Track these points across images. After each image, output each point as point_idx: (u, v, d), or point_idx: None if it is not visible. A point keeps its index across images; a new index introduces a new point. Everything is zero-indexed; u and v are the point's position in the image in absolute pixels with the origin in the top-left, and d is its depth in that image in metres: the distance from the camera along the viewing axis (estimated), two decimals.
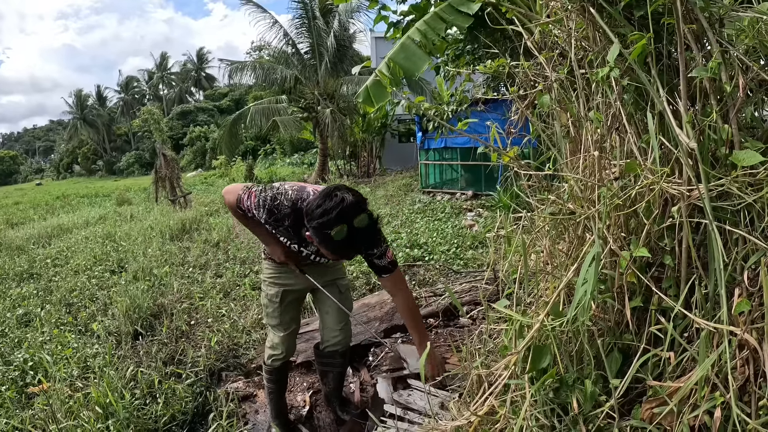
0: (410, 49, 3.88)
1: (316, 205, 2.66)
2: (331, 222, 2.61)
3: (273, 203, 3.03)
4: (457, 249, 8.17)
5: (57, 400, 3.83)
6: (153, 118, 20.84)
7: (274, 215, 3.05)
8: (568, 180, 2.52)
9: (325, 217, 2.62)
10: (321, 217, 2.63)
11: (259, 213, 3.09)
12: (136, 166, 67.02)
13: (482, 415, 2.34)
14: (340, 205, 2.62)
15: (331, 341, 3.70)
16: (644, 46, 1.94)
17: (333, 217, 2.61)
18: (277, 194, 3.04)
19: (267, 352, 3.67)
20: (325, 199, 2.66)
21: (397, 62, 3.84)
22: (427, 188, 16.79)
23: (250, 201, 3.11)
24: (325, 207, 2.63)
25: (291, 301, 3.61)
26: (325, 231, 2.64)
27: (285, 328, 3.59)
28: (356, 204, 2.67)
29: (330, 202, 2.63)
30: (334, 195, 2.66)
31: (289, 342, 3.63)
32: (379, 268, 3.22)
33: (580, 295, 1.89)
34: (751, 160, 1.81)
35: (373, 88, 3.98)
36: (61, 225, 13.83)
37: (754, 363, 1.83)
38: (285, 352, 3.61)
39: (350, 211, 2.63)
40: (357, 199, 2.69)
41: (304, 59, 23.78)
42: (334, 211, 2.61)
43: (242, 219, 3.40)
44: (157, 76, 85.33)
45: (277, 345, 3.59)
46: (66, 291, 7.14)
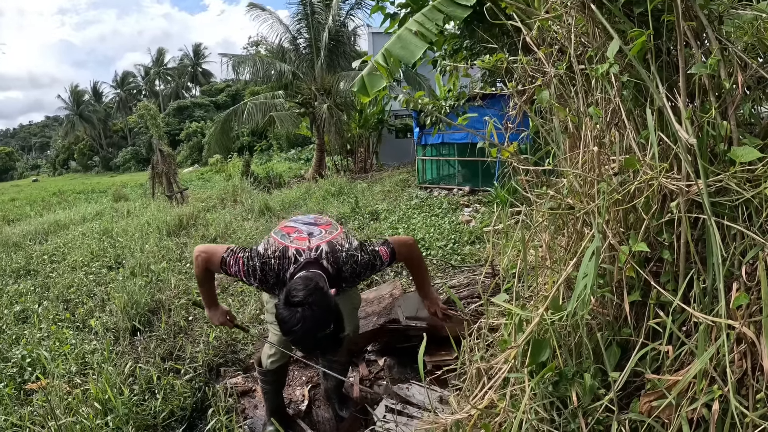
0: (407, 38, 3.88)
1: (281, 319, 2.64)
2: (296, 341, 2.71)
3: (264, 271, 3.03)
4: (454, 244, 8.18)
5: (56, 397, 3.83)
6: (149, 113, 20.80)
7: (265, 283, 3.08)
8: (567, 175, 2.52)
9: (290, 337, 2.66)
10: (287, 335, 2.67)
11: (250, 281, 3.08)
12: (133, 162, 66.76)
13: (482, 409, 2.35)
14: (302, 328, 2.57)
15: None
16: (644, 43, 1.95)
17: (296, 338, 2.64)
18: (263, 264, 3.02)
19: (265, 351, 3.65)
20: (288, 315, 2.61)
21: (393, 52, 3.83)
22: (425, 184, 16.80)
23: (237, 267, 3.06)
24: (287, 327, 2.61)
25: None
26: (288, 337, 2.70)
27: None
28: (317, 321, 2.60)
29: (292, 320, 2.58)
30: (296, 312, 2.60)
31: (288, 344, 3.56)
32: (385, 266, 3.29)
33: (580, 288, 1.90)
34: (749, 156, 1.82)
35: (368, 77, 3.98)
36: (58, 221, 13.77)
37: (752, 356, 1.84)
38: (283, 354, 3.59)
39: (311, 330, 2.58)
40: (318, 315, 2.61)
41: (301, 54, 23.75)
42: (294, 334, 2.60)
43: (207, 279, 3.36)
44: (154, 71, 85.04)
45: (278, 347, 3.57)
46: (63, 287, 7.13)
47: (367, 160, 25.97)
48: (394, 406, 3.59)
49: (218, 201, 15.81)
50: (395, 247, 3.25)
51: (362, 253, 3.12)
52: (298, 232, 3.21)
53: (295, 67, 23.36)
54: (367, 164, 25.85)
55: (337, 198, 14.90)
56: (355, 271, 3.08)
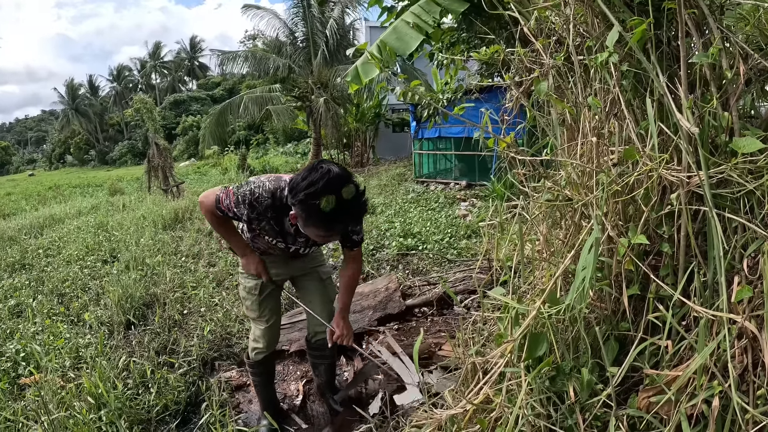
0: (402, 30, 3.84)
1: (302, 177, 2.58)
2: (318, 192, 2.51)
3: (252, 197, 2.93)
4: (450, 238, 8.17)
5: (49, 391, 3.80)
6: (146, 107, 20.70)
7: (256, 209, 2.97)
8: (565, 166, 2.50)
9: (312, 188, 2.52)
10: (307, 188, 2.53)
11: (240, 210, 2.99)
12: (129, 156, 66.76)
13: (477, 404, 2.33)
14: (327, 175, 2.53)
15: (317, 329, 3.70)
16: (644, 32, 1.92)
17: (320, 187, 2.51)
18: (255, 188, 2.94)
19: (250, 345, 3.66)
20: (310, 172, 2.57)
21: (389, 43, 3.80)
22: (421, 178, 16.79)
23: (229, 200, 3.01)
24: (311, 179, 2.54)
25: (270, 292, 3.56)
26: (311, 202, 2.53)
27: (266, 321, 3.54)
28: (343, 175, 2.58)
29: (316, 174, 2.54)
30: (320, 167, 2.58)
31: (271, 334, 3.59)
32: (353, 242, 3.26)
33: (578, 282, 1.87)
34: (751, 147, 1.79)
35: (362, 66, 3.95)
36: (53, 215, 13.75)
37: (753, 352, 1.82)
38: (267, 345, 3.58)
39: (337, 181, 2.53)
40: (343, 172, 2.61)
41: (298, 48, 23.71)
42: (320, 181, 2.51)
43: (219, 226, 3.31)
44: (150, 65, 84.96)
45: (259, 338, 3.57)
46: (58, 281, 7.10)
47: (363, 154, 25.98)
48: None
49: None
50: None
51: None
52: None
53: (292, 61, 23.32)
54: (363, 158, 25.86)
55: None
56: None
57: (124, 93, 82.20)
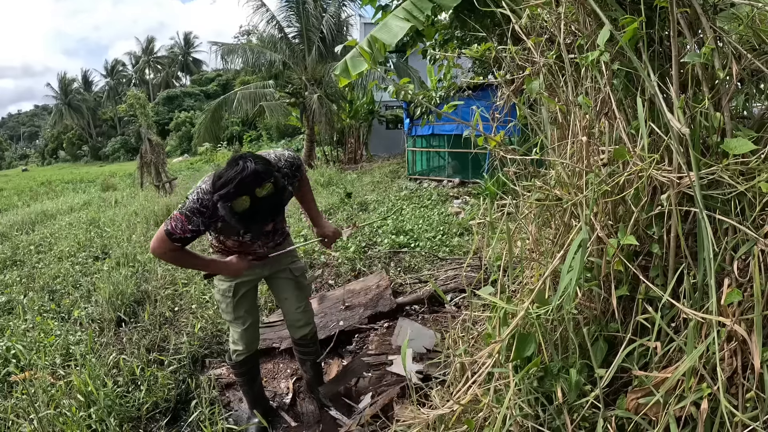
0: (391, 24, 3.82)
1: (218, 175, 2.55)
2: (230, 194, 2.50)
3: (197, 205, 2.84)
4: (443, 236, 8.17)
5: (39, 389, 3.78)
6: (139, 102, 20.63)
7: (205, 213, 2.86)
8: (555, 165, 2.49)
9: (225, 188, 2.51)
10: (221, 189, 2.52)
11: (194, 223, 2.87)
12: (122, 152, 66.59)
13: (465, 404, 2.32)
14: (240, 175, 2.49)
15: (296, 325, 3.70)
16: (635, 30, 1.90)
17: (232, 188, 2.49)
18: (194, 197, 2.87)
19: (231, 347, 3.65)
20: (227, 170, 2.54)
21: (378, 38, 3.77)
22: (414, 175, 16.79)
23: (178, 222, 2.87)
24: (226, 177, 2.51)
25: (245, 293, 3.53)
26: (226, 204, 2.53)
27: (242, 323, 3.53)
28: (259, 172, 2.53)
29: (231, 172, 2.51)
30: (236, 163, 2.54)
31: (249, 336, 3.57)
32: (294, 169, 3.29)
33: (565, 282, 1.87)
34: (742, 149, 1.78)
35: (351, 60, 3.93)
36: (45, 211, 13.73)
37: (742, 354, 1.81)
38: (246, 347, 3.57)
39: (251, 180, 2.50)
40: (259, 167, 2.54)
41: (292, 44, 23.64)
42: (233, 181, 2.48)
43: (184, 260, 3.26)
44: (143, 60, 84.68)
45: (238, 341, 3.56)
46: (49, 278, 7.09)
47: (357, 151, 25.96)
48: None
49: None
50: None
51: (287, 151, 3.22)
52: None
53: (286, 57, 23.25)
54: (357, 155, 25.84)
55: (326, 188, 14.87)
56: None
57: (117, 88, 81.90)
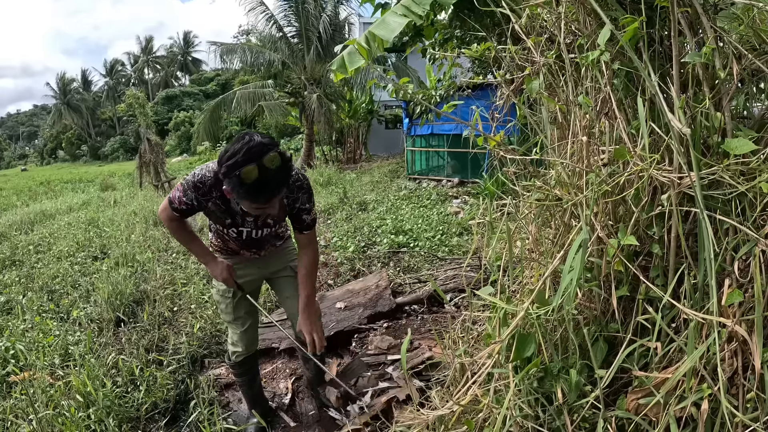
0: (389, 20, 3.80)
1: (225, 150, 2.56)
2: (239, 162, 2.48)
3: (195, 179, 2.92)
4: (442, 236, 8.17)
5: (38, 389, 3.78)
6: (138, 102, 20.61)
7: (200, 189, 2.93)
8: (555, 165, 2.48)
9: (232, 159, 2.49)
10: (228, 160, 2.51)
11: (188, 196, 2.95)
12: (121, 152, 66.55)
13: (465, 405, 2.31)
14: (248, 144, 2.49)
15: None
16: (636, 30, 1.90)
17: (240, 158, 2.47)
18: (198, 171, 2.95)
19: (230, 348, 3.62)
20: (234, 143, 2.54)
21: (376, 34, 3.76)
22: (414, 175, 16.79)
23: (178, 192, 2.99)
24: (233, 150, 2.51)
25: (244, 294, 3.51)
26: (233, 173, 2.50)
27: (242, 324, 3.51)
28: (265, 143, 2.53)
29: (237, 144, 2.51)
30: (243, 137, 2.55)
31: (248, 338, 3.55)
32: (305, 225, 3.22)
33: (566, 283, 1.86)
34: (743, 149, 1.77)
35: (347, 56, 3.91)
36: (44, 211, 13.72)
37: (743, 355, 1.80)
38: (245, 348, 3.54)
39: (258, 149, 2.49)
40: (267, 139, 2.57)
41: (291, 43, 23.62)
42: (241, 151, 2.48)
43: (180, 233, 3.28)
44: (142, 60, 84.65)
45: (237, 342, 3.54)
46: (48, 278, 7.08)
47: (356, 151, 25.97)
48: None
49: None
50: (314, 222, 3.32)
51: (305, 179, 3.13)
52: None
53: (285, 57, 23.23)
54: (356, 155, 25.85)
55: (325, 188, 14.86)
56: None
57: (116, 88, 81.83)
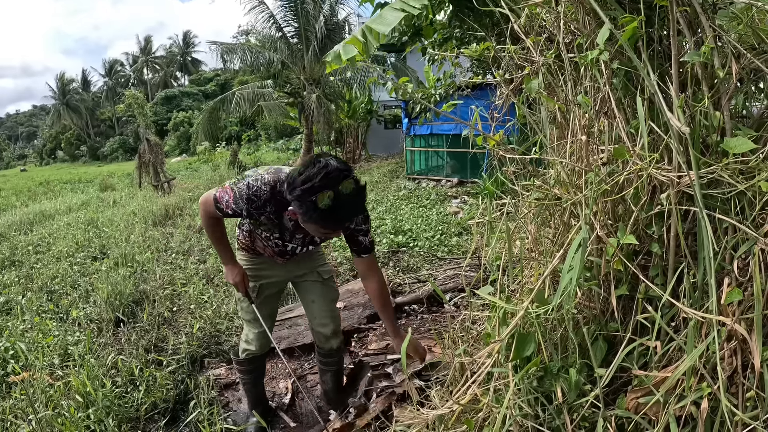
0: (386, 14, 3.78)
1: (299, 173, 2.48)
2: (316, 188, 2.42)
3: (250, 191, 2.81)
4: (441, 235, 8.18)
5: (37, 389, 3.78)
6: (137, 102, 20.60)
7: (254, 203, 2.82)
8: (554, 165, 2.48)
9: (309, 184, 2.42)
10: (304, 184, 2.43)
11: (238, 205, 2.86)
12: (120, 152, 66.43)
13: (465, 404, 2.31)
14: (324, 170, 2.42)
15: (322, 332, 3.56)
16: (635, 29, 1.90)
17: (317, 183, 2.41)
18: (252, 181, 2.82)
19: (241, 345, 3.60)
20: (308, 167, 2.47)
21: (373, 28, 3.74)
22: (413, 175, 16.80)
23: (227, 196, 2.88)
24: (308, 173, 2.44)
25: (269, 295, 3.49)
26: (309, 199, 2.43)
27: (260, 324, 3.45)
28: (342, 169, 2.47)
29: (313, 169, 2.44)
30: (318, 161, 2.48)
31: (265, 338, 3.51)
32: (362, 247, 3.16)
33: (565, 282, 1.86)
34: (742, 148, 1.77)
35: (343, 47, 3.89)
36: (44, 211, 13.71)
37: (742, 354, 1.81)
38: (259, 348, 3.52)
39: (336, 175, 2.43)
40: (342, 166, 2.50)
41: (290, 44, 23.61)
42: (318, 176, 2.41)
43: (213, 230, 3.23)
44: (142, 60, 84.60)
45: (252, 341, 3.51)
46: (48, 278, 7.08)
47: (355, 151, 25.96)
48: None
49: (205, 191, 15.71)
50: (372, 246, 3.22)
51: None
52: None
53: (284, 57, 23.23)
54: (355, 154, 25.84)
55: None
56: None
57: (116, 88, 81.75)
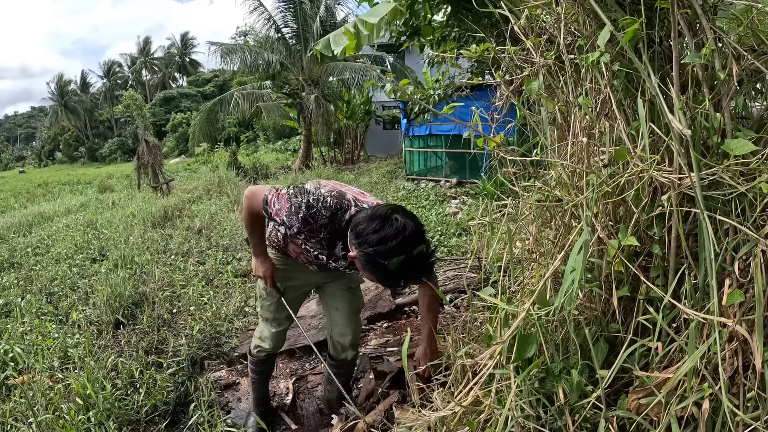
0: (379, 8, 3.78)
1: (372, 229, 2.37)
2: (390, 252, 2.33)
3: (309, 211, 2.66)
4: (441, 236, 8.18)
5: (37, 392, 3.77)
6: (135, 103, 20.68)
7: (309, 225, 2.70)
8: (555, 166, 2.48)
9: (383, 246, 2.34)
10: (378, 245, 2.34)
11: (291, 220, 2.70)
12: (119, 153, 66.42)
13: (467, 406, 2.31)
14: (402, 234, 2.33)
15: (340, 341, 3.47)
16: (636, 31, 1.90)
17: (393, 247, 2.33)
18: (313, 200, 2.68)
19: (254, 341, 3.55)
20: (383, 224, 2.36)
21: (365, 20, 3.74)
22: (412, 175, 16.81)
23: (280, 204, 2.73)
24: (383, 234, 2.33)
25: (292, 299, 3.39)
26: (379, 260, 2.36)
27: (278, 324, 3.43)
28: (417, 232, 2.39)
29: (389, 229, 2.34)
30: (394, 219, 2.36)
31: (279, 338, 3.48)
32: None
33: (567, 283, 1.86)
34: (743, 149, 1.77)
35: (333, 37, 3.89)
36: (43, 213, 13.68)
37: (744, 354, 1.81)
38: (273, 347, 3.48)
39: (411, 241, 2.35)
40: (418, 228, 2.41)
41: (289, 44, 23.64)
42: (393, 240, 2.33)
43: (253, 224, 3.07)
44: (140, 61, 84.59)
45: (267, 338, 3.46)
46: (47, 280, 7.05)
47: (354, 151, 26.01)
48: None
49: (204, 192, 15.76)
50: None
51: None
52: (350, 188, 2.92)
53: (283, 58, 23.25)
54: (354, 155, 25.88)
55: None
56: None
57: (114, 89, 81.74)
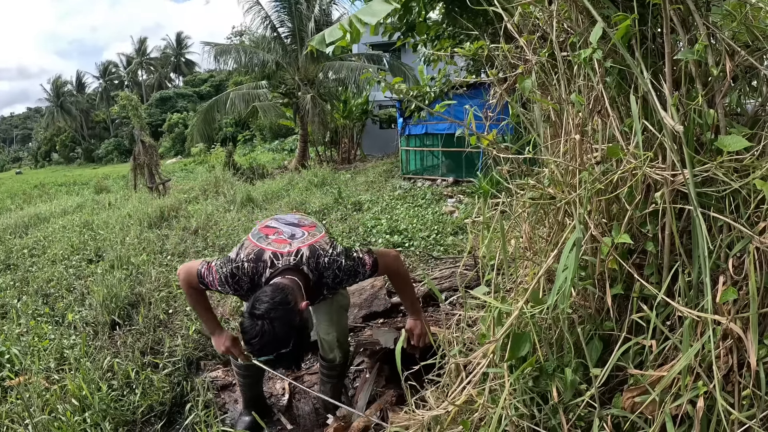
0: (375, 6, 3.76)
1: (242, 327, 2.59)
2: (253, 351, 2.59)
3: (233, 280, 2.92)
4: (437, 235, 8.18)
5: (33, 393, 3.76)
6: (131, 104, 20.55)
7: (239, 291, 2.96)
8: (548, 164, 2.48)
9: (247, 347, 2.62)
10: (245, 344, 2.61)
11: (225, 289, 2.97)
12: (115, 154, 66.33)
13: (460, 405, 2.31)
14: (258, 339, 2.51)
15: (326, 338, 3.59)
16: (628, 28, 1.89)
17: (252, 350, 2.57)
18: (234, 269, 2.91)
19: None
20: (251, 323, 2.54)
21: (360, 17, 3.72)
22: (408, 174, 16.82)
23: (212, 276, 2.96)
24: (248, 336, 2.55)
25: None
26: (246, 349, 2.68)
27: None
28: (278, 340, 2.52)
29: (253, 330, 2.52)
30: (257, 324, 2.52)
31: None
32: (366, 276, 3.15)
33: (560, 281, 1.85)
34: (736, 146, 1.77)
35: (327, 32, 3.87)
36: (38, 214, 13.62)
37: (738, 352, 1.80)
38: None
39: (271, 345, 2.52)
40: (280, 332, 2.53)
41: (285, 44, 23.61)
42: (251, 345, 2.55)
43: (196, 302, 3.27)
44: (136, 61, 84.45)
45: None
46: (43, 281, 7.01)
47: (350, 151, 26.02)
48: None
49: (200, 192, 15.73)
50: (378, 258, 3.12)
51: (346, 259, 2.99)
52: (278, 233, 3.11)
53: (279, 57, 23.23)
54: (350, 155, 25.90)
55: (320, 189, 14.85)
56: (337, 277, 2.96)
57: (110, 89, 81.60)
